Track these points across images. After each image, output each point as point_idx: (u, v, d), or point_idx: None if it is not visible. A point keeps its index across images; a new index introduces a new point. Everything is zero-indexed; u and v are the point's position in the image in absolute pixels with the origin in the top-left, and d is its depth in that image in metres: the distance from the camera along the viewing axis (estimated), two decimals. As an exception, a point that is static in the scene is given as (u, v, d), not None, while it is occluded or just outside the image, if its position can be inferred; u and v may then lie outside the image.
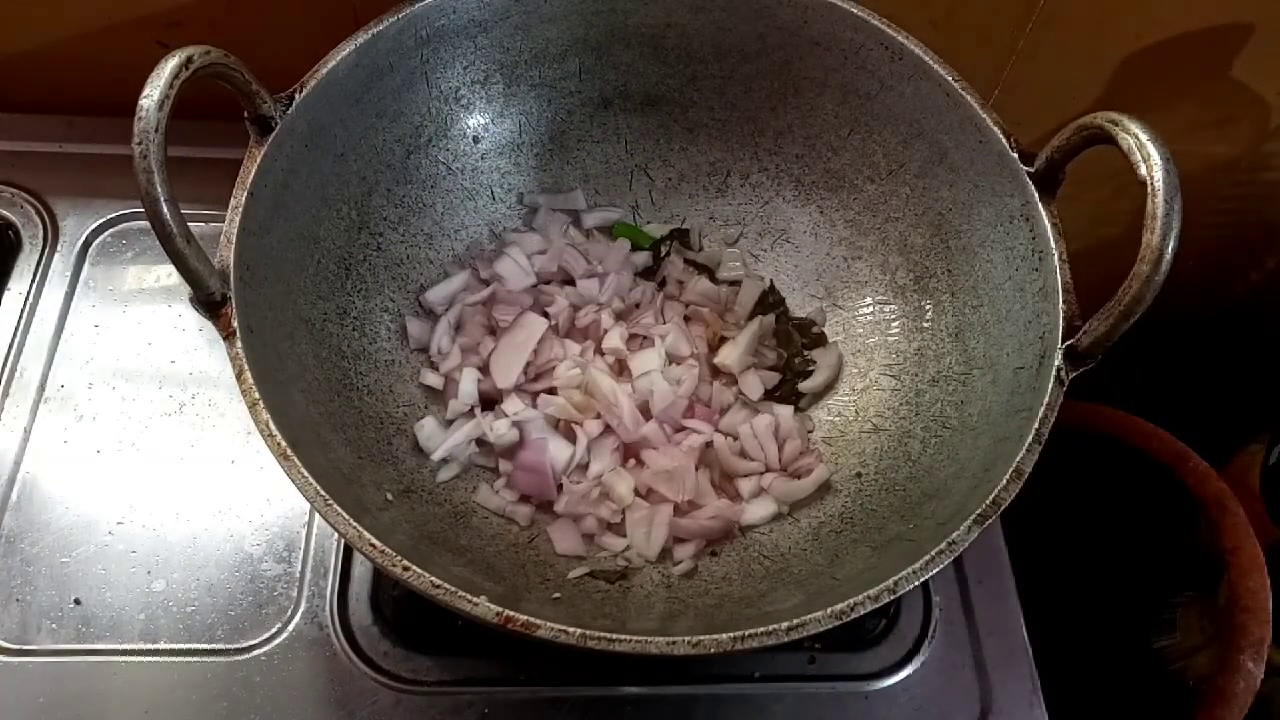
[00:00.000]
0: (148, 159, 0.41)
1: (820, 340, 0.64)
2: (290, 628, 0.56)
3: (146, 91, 0.41)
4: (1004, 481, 0.44)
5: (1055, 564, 0.75)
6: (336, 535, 0.54)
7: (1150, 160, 0.43)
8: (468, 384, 0.59)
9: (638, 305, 0.64)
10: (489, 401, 0.60)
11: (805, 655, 0.57)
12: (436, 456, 0.57)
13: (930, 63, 0.55)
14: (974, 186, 0.55)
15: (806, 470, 0.58)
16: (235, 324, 0.44)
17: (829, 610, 0.41)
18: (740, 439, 0.60)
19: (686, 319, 0.64)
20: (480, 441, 0.58)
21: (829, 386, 0.63)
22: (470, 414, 0.59)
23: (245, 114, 0.48)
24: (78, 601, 0.55)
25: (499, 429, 0.57)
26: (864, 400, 0.61)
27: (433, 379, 0.60)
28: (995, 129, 0.53)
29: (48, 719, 0.52)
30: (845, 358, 0.63)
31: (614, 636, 0.40)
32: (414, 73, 0.57)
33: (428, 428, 0.58)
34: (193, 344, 0.64)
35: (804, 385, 0.63)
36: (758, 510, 0.58)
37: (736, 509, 0.57)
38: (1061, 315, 0.48)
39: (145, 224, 0.42)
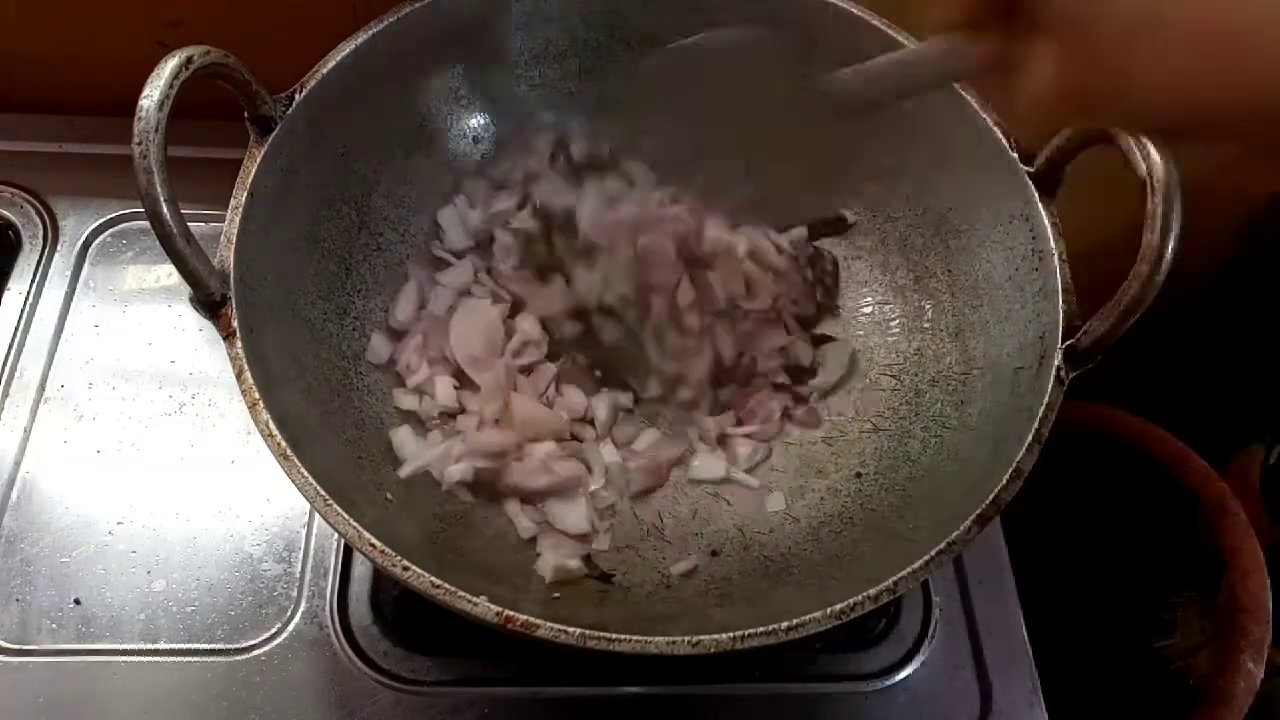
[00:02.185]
0: (148, 159, 0.41)
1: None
2: (290, 628, 0.56)
3: (146, 92, 0.41)
4: (1004, 481, 0.44)
5: (1055, 564, 0.75)
6: (336, 535, 0.54)
7: (1150, 160, 0.43)
8: (444, 391, 0.57)
9: None
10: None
11: (805, 655, 0.57)
12: (403, 473, 0.54)
13: (930, 63, 0.55)
14: (974, 186, 0.55)
15: None
16: (235, 324, 0.44)
17: (829, 610, 0.41)
18: None
19: None
20: None
21: (838, 385, 0.62)
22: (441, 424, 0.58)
23: (245, 114, 0.48)
24: (78, 601, 0.56)
25: (451, 475, 0.55)
26: (864, 400, 0.61)
27: (408, 401, 0.58)
28: (995, 129, 0.53)
29: (48, 719, 0.53)
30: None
31: (614, 636, 0.40)
32: (414, 73, 0.57)
33: (400, 435, 0.56)
34: (193, 344, 0.64)
35: (814, 382, 0.62)
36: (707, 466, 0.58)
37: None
38: (1061, 315, 0.48)
39: (145, 224, 0.42)
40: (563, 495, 0.56)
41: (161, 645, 0.55)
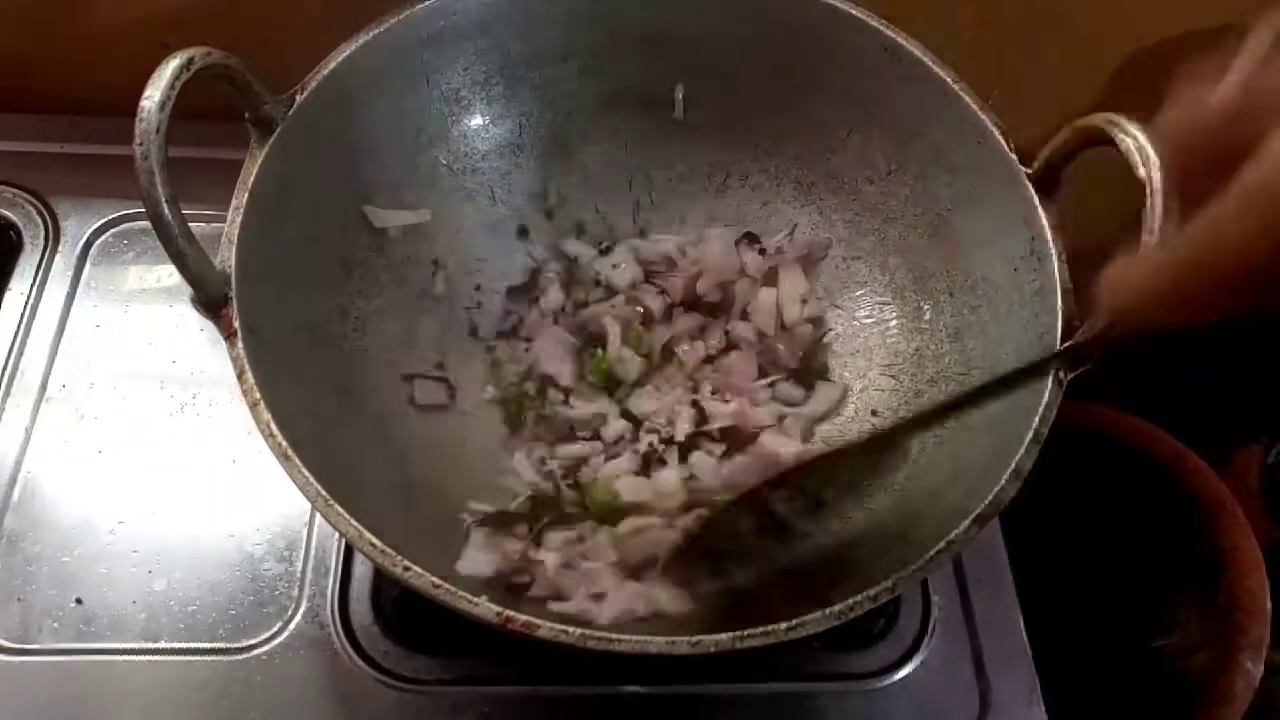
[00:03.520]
0: (149, 160, 0.41)
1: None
2: (291, 627, 0.56)
3: (148, 93, 0.41)
4: (1003, 481, 0.44)
5: (1055, 564, 0.75)
6: (337, 534, 0.54)
7: (1149, 161, 0.43)
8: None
9: None
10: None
11: (805, 654, 0.57)
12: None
13: (929, 63, 0.55)
14: (973, 187, 0.55)
15: None
16: (236, 324, 0.45)
17: (828, 610, 0.41)
18: None
19: None
20: None
21: (820, 419, 0.62)
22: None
23: (246, 115, 0.48)
24: (79, 601, 0.56)
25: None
26: (863, 400, 0.61)
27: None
28: (994, 130, 0.53)
29: (48, 718, 0.53)
30: (844, 359, 0.63)
31: (614, 636, 0.40)
32: (415, 74, 0.58)
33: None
34: (194, 344, 0.65)
35: (798, 410, 0.61)
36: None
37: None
38: (1060, 315, 0.48)
39: (146, 224, 0.42)
40: None
41: (163, 644, 0.55)
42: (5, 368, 0.63)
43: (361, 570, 0.58)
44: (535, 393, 0.62)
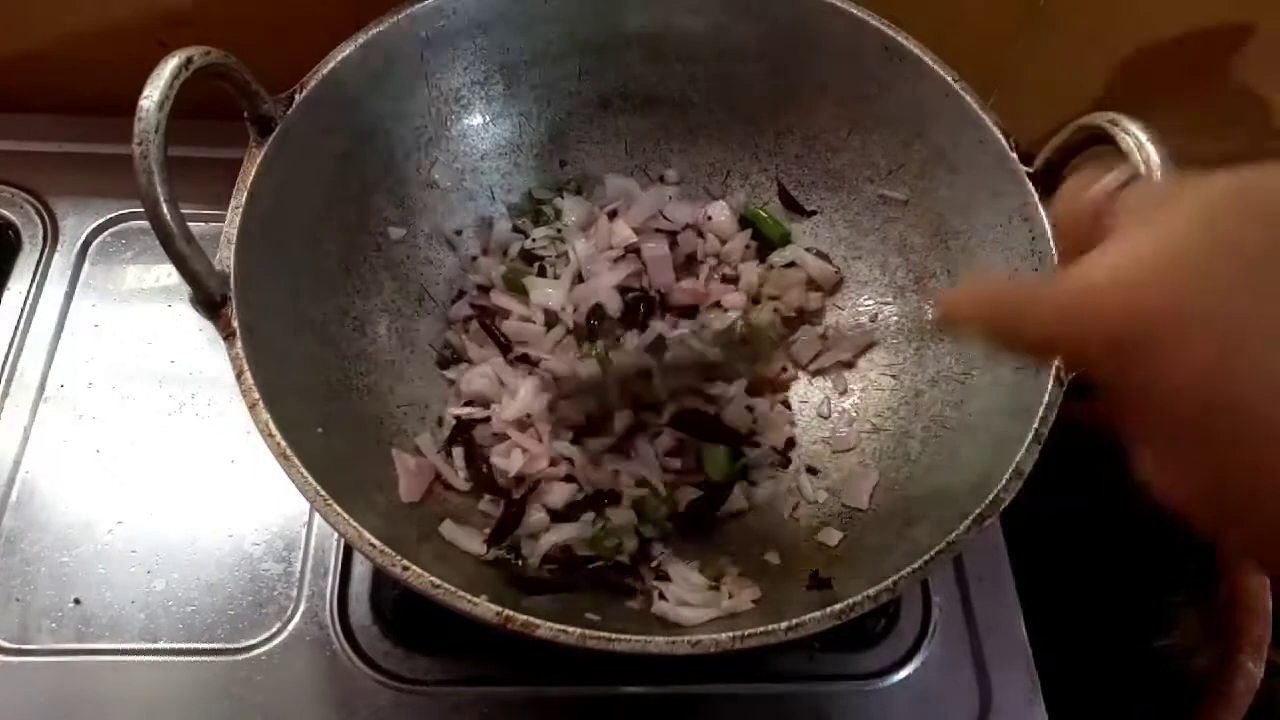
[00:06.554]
0: (148, 159, 0.41)
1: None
2: (290, 627, 0.56)
3: (147, 92, 0.41)
4: (1004, 481, 0.44)
5: (1055, 563, 0.75)
6: (336, 535, 0.54)
7: (1149, 160, 0.43)
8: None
9: None
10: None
11: (805, 654, 0.57)
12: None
13: (930, 63, 0.55)
14: (973, 187, 0.55)
15: None
16: (235, 324, 0.45)
17: (829, 610, 0.41)
18: None
19: None
20: None
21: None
22: None
23: (245, 114, 0.48)
24: (78, 601, 0.56)
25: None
26: (863, 400, 0.61)
27: None
28: (995, 129, 0.53)
29: (48, 719, 0.53)
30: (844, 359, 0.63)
31: (614, 636, 0.40)
32: (414, 73, 0.57)
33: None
34: (193, 344, 0.64)
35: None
36: None
37: None
38: (1061, 315, 0.48)
39: (145, 223, 0.42)
40: None
41: (161, 645, 0.55)
42: (4, 367, 0.62)
43: (361, 570, 0.58)
44: None
